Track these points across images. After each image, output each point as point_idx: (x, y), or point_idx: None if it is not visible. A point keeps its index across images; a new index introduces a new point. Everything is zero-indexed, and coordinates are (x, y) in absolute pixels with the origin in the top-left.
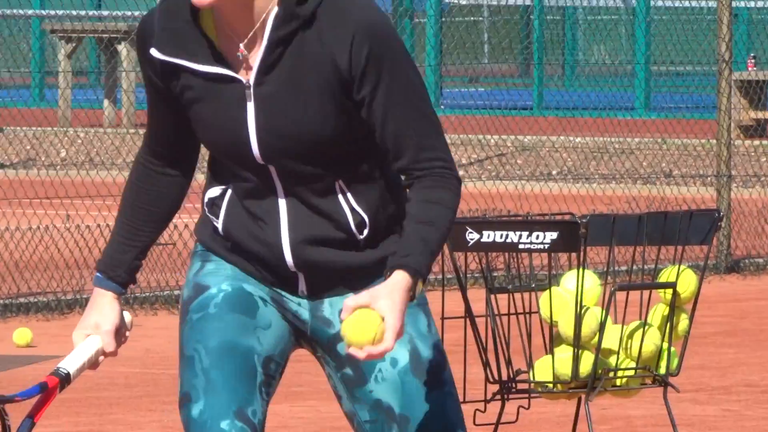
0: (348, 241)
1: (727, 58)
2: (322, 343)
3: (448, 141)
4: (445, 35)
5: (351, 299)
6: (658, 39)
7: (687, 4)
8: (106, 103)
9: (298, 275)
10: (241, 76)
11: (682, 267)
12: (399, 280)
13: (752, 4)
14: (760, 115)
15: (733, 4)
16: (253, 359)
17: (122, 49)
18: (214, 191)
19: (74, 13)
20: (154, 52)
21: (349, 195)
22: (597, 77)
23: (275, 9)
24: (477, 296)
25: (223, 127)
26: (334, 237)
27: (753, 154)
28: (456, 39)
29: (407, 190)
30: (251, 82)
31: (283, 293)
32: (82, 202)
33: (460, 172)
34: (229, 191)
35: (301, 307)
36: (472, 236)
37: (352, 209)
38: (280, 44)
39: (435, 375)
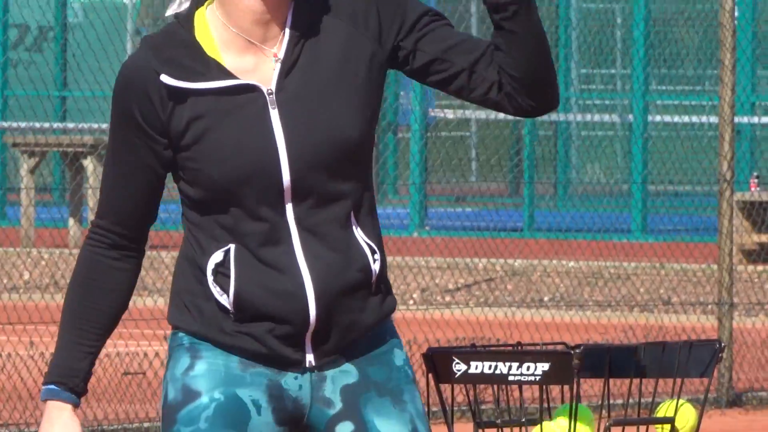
0: (364, 281)
1: (728, 178)
2: (320, 428)
3: (434, 264)
4: (431, 151)
5: None
6: (656, 157)
7: (686, 119)
8: (71, 221)
9: (307, 343)
10: (260, 84)
11: (681, 401)
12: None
13: (755, 120)
14: (764, 238)
15: (736, 119)
16: None
17: (88, 164)
18: (217, 256)
19: (37, 125)
20: (166, 78)
21: (359, 228)
22: (591, 197)
23: (292, 5)
24: (464, 431)
25: (245, 148)
26: (353, 279)
27: (756, 280)
28: (442, 155)
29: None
30: (273, 88)
31: (285, 378)
32: (46, 328)
33: (447, 298)
34: (234, 248)
35: (302, 390)
36: (459, 367)
37: (366, 242)
38: (299, 40)
39: None
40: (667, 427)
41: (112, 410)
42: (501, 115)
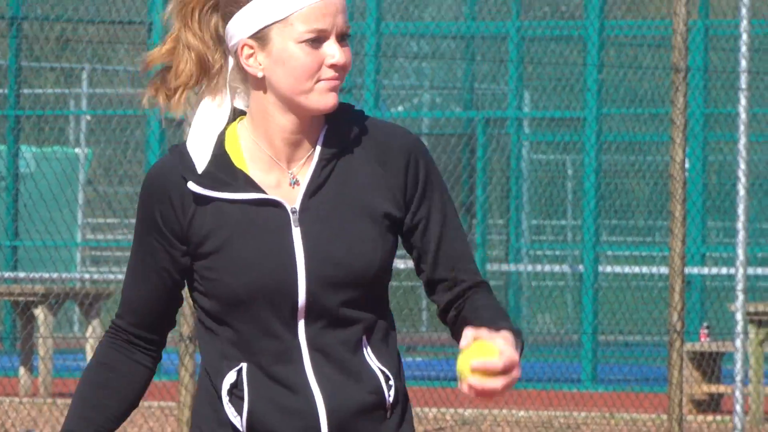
0: (377, 405)
1: (678, 328)
2: None
3: None
4: None
5: (469, 329)
6: (606, 307)
7: (637, 270)
8: (22, 370)
9: None
10: (284, 201)
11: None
12: (507, 334)
13: (705, 271)
14: (714, 388)
15: (686, 270)
16: None
17: (39, 313)
18: (231, 377)
19: None
20: (193, 186)
21: (371, 353)
22: (541, 347)
23: (324, 128)
24: None
25: (265, 262)
26: (364, 402)
27: (706, 430)
28: (393, 305)
29: (455, 317)
30: (297, 207)
31: None
32: None
33: None
34: (246, 367)
35: None
36: None
37: (378, 368)
38: (328, 163)
39: None
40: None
41: None
42: None
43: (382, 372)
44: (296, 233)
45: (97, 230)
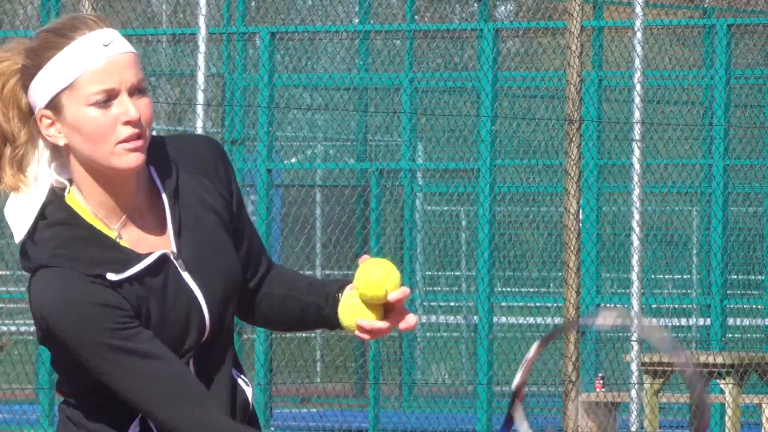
0: (246, 412)
1: (573, 379)
2: None
3: None
4: (275, 352)
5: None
6: (501, 357)
7: (531, 320)
8: None
9: None
10: (168, 252)
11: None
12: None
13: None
14: None
15: (582, 321)
16: None
17: None
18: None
19: None
20: (111, 276)
21: (235, 366)
22: (436, 398)
23: (151, 169)
24: None
25: (177, 316)
26: (239, 413)
27: None
28: (287, 357)
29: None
30: (174, 251)
31: None
32: None
33: None
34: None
35: None
36: None
37: (242, 379)
38: (175, 201)
39: None
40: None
41: None
42: None
43: (245, 382)
44: (186, 276)
45: None
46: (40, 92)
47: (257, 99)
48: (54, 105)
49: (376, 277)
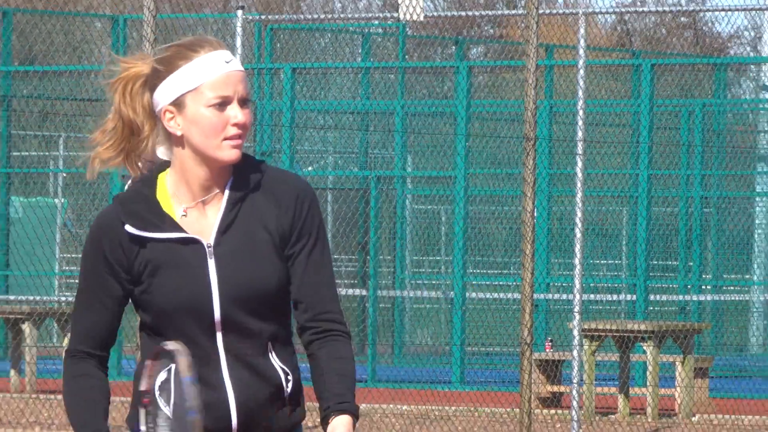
0: (278, 396)
1: (528, 341)
2: None
3: None
4: None
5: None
6: (472, 324)
7: (496, 296)
8: (12, 372)
9: None
10: (202, 238)
11: None
12: (348, 422)
13: (550, 296)
14: (556, 388)
15: (534, 296)
16: None
17: (26, 327)
18: (163, 375)
19: None
20: (129, 228)
21: (275, 356)
22: (421, 355)
23: (231, 177)
24: None
25: (186, 287)
26: (268, 394)
27: (550, 421)
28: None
29: (311, 344)
30: (212, 243)
31: None
32: None
33: None
34: (174, 366)
35: None
36: None
37: (281, 367)
38: (235, 205)
39: None
40: None
41: None
42: (351, 291)
43: (283, 370)
44: (211, 264)
45: (71, 263)
46: (167, 91)
47: (282, 120)
48: (178, 103)
49: None
